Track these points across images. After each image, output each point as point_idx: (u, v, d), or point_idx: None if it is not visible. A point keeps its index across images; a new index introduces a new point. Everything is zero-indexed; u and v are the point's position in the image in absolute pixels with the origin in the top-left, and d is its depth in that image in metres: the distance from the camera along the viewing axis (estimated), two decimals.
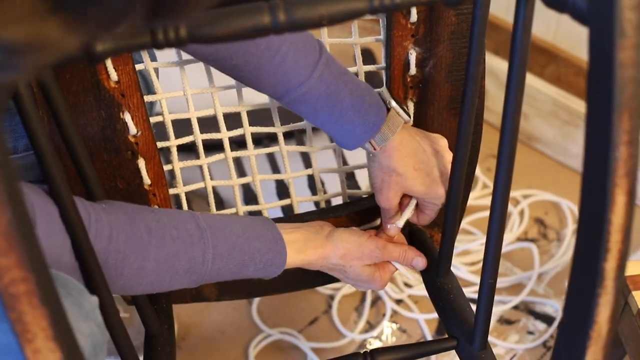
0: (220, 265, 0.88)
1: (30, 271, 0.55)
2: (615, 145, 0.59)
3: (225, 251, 0.88)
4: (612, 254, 0.62)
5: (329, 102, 0.90)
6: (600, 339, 0.66)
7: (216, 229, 0.88)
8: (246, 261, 0.90)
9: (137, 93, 0.88)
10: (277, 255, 0.92)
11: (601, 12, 0.58)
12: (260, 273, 0.92)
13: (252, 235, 0.91)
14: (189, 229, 0.86)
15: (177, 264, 0.85)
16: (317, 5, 0.62)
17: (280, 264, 0.93)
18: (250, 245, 0.90)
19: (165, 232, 0.84)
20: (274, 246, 0.92)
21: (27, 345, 0.58)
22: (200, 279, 0.88)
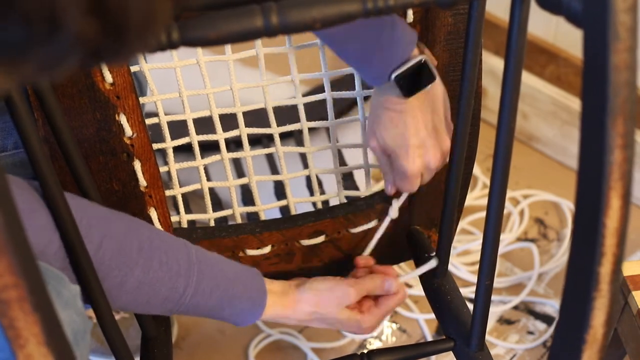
0: (198, 301, 0.87)
1: (22, 277, 0.55)
2: (610, 149, 0.59)
3: (208, 289, 0.87)
4: (607, 258, 0.62)
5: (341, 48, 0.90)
6: (596, 342, 0.65)
7: (205, 265, 0.88)
8: (224, 304, 0.89)
9: (132, 95, 0.88)
10: (255, 305, 0.92)
11: (595, 14, 0.57)
12: (234, 319, 0.92)
13: (238, 280, 0.91)
14: (179, 258, 0.86)
15: (158, 290, 0.84)
16: (309, 8, 0.62)
17: (256, 314, 0.92)
18: (234, 288, 0.90)
19: (154, 255, 0.84)
20: (255, 296, 0.92)
21: (20, 351, 0.58)
22: (175, 309, 0.87)
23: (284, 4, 0.60)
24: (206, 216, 1.04)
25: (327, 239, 1.06)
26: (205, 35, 0.62)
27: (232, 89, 0.97)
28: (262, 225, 1.03)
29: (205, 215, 1.04)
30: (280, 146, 1.02)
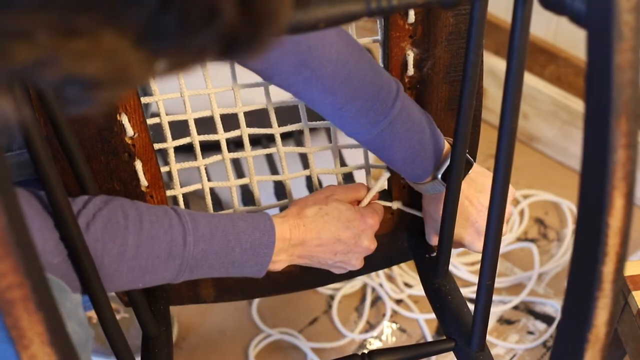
0: (203, 246, 0.84)
1: (26, 277, 0.55)
2: (614, 149, 0.59)
3: (208, 232, 0.85)
4: (610, 257, 0.62)
5: (385, 153, 0.94)
6: (598, 342, 0.66)
7: (196, 214, 0.86)
8: (231, 242, 0.86)
9: (133, 95, 0.88)
10: (264, 234, 0.88)
11: (599, 14, 0.57)
12: (249, 256, 0.87)
13: (237, 216, 0.88)
14: (167, 213, 0.84)
15: (157, 247, 0.82)
16: (313, 9, 0.62)
17: (270, 243, 0.88)
18: (235, 225, 0.87)
19: (143, 217, 0.82)
20: (261, 225, 0.88)
21: (24, 351, 0.58)
22: (184, 264, 0.84)
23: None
24: None
25: None
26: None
27: (233, 89, 0.97)
28: None
29: None
30: (281, 146, 1.02)
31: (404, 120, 0.90)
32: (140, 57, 0.41)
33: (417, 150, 0.93)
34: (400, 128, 0.90)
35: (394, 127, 0.90)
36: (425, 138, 0.93)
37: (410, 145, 0.92)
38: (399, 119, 0.90)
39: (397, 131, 0.90)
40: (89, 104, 0.42)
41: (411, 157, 0.93)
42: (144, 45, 0.41)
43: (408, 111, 0.91)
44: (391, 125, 0.90)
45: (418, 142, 0.92)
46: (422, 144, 0.93)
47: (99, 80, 0.40)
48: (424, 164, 0.94)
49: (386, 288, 1.52)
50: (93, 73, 0.40)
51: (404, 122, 0.90)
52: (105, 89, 0.41)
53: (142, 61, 0.41)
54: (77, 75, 0.40)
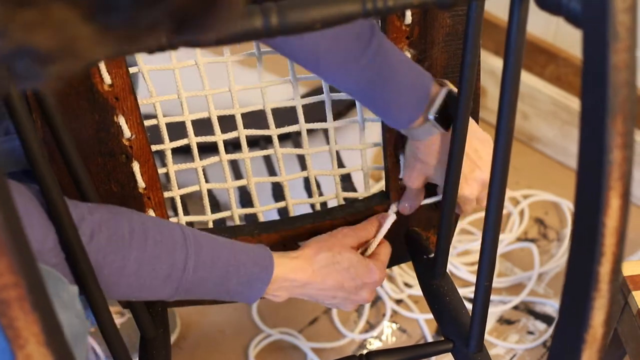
0: (202, 274, 0.85)
1: (22, 276, 0.55)
2: (609, 149, 0.59)
3: (209, 260, 0.86)
4: (606, 258, 0.62)
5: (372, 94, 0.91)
6: (595, 342, 0.65)
7: (201, 238, 0.87)
8: (230, 272, 0.87)
9: (130, 96, 0.88)
10: (263, 270, 0.90)
11: (595, 15, 0.57)
12: (244, 288, 0.89)
13: (239, 248, 0.89)
14: (173, 234, 0.84)
15: (158, 268, 0.83)
16: (310, 9, 0.61)
17: (266, 279, 0.90)
18: (236, 257, 0.88)
19: (148, 234, 0.83)
20: (261, 260, 0.90)
21: (19, 351, 0.57)
22: (180, 287, 0.85)
23: (283, 4, 0.60)
24: (204, 218, 1.04)
25: None
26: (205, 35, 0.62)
27: (231, 91, 0.97)
28: (260, 226, 1.03)
29: (203, 217, 1.04)
30: (279, 148, 1.01)
31: (384, 59, 0.88)
32: (90, 31, 0.41)
33: (402, 90, 0.90)
34: (382, 67, 0.88)
35: (375, 65, 0.87)
36: (410, 76, 0.90)
37: (395, 85, 0.89)
38: (379, 58, 0.87)
39: (378, 70, 0.88)
40: (39, 78, 0.42)
41: (398, 98, 0.90)
42: (95, 18, 0.41)
43: (387, 50, 0.88)
44: (372, 63, 0.87)
45: (402, 82, 0.90)
46: (408, 83, 0.90)
47: (48, 52, 0.40)
48: (412, 105, 0.91)
49: (386, 288, 1.52)
50: (42, 44, 0.40)
51: (385, 61, 0.88)
52: (55, 62, 0.41)
53: (92, 35, 0.41)
54: (26, 47, 0.40)
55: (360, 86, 0.89)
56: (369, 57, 0.87)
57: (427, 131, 0.93)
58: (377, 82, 0.89)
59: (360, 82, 0.89)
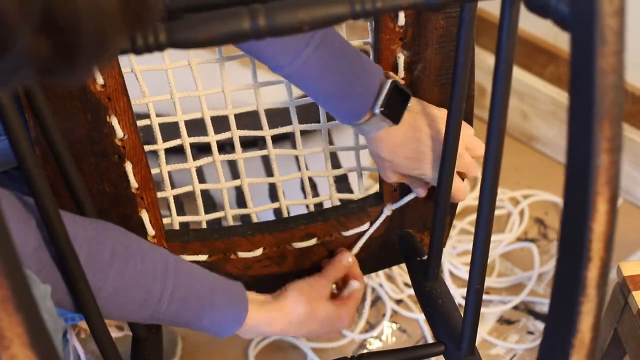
0: (176, 308, 0.86)
1: (5, 277, 0.55)
2: (597, 153, 0.59)
3: (185, 295, 0.86)
4: (594, 263, 0.62)
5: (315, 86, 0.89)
6: (583, 347, 0.65)
7: (183, 273, 0.87)
8: (204, 311, 0.88)
9: (123, 97, 0.88)
10: (237, 311, 0.91)
11: (582, 18, 0.57)
12: (215, 328, 0.91)
13: (217, 287, 0.90)
14: (155, 263, 0.85)
15: (134, 294, 0.83)
16: (297, 11, 0.61)
17: (239, 322, 0.91)
18: (212, 295, 0.89)
19: (129, 259, 0.83)
20: (237, 303, 0.91)
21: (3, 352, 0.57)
22: (154, 316, 0.86)
23: (271, 5, 0.60)
24: (198, 218, 1.04)
25: (319, 241, 1.06)
26: (193, 36, 0.62)
27: (224, 91, 0.96)
28: (254, 227, 1.03)
29: (197, 217, 1.04)
30: (273, 148, 1.01)
31: (329, 50, 0.86)
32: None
33: (348, 84, 0.88)
34: (326, 59, 0.86)
35: (319, 57, 0.85)
36: (355, 70, 0.88)
37: (339, 78, 0.88)
38: (323, 49, 0.86)
39: (322, 62, 0.86)
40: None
41: (343, 91, 0.89)
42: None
43: (333, 41, 0.87)
44: (315, 55, 0.85)
45: (347, 74, 0.88)
46: (353, 76, 0.88)
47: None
48: (358, 99, 0.90)
49: (386, 288, 1.51)
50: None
51: (329, 53, 0.86)
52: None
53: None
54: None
55: (305, 77, 0.88)
56: (314, 46, 0.85)
57: (377, 126, 0.92)
58: (322, 73, 0.87)
59: (306, 72, 0.87)
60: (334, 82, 0.88)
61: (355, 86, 0.89)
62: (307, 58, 0.85)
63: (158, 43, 0.61)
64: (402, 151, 0.94)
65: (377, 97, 0.90)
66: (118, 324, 1.32)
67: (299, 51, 0.85)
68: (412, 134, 0.93)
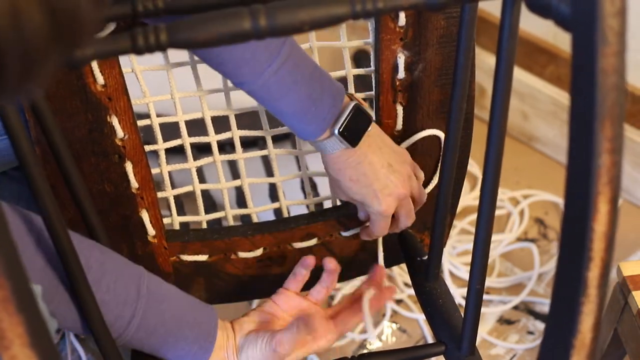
0: (142, 335, 0.86)
1: (6, 278, 0.55)
2: (598, 153, 0.59)
3: (152, 326, 0.86)
4: (595, 263, 0.62)
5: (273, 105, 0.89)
6: (584, 348, 0.65)
7: (154, 301, 0.86)
8: (169, 343, 0.88)
9: (123, 96, 0.88)
10: (201, 349, 0.90)
11: (584, 18, 0.57)
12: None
13: (187, 321, 0.89)
14: (127, 287, 0.85)
15: (105, 313, 0.83)
16: (298, 11, 0.61)
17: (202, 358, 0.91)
18: (180, 330, 0.88)
19: (102, 278, 0.83)
20: (203, 341, 0.90)
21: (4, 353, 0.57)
22: (120, 338, 0.86)
23: (272, 6, 0.60)
24: (199, 218, 1.04)
25: (319, 242, 1.06)
26: (193, 37, 0.62)
27: (224, 91, 0.96)
28: (254, 227, 1.03)
29: (197, 217, 1.04)
30: (273, 148, 1.01)
31: (291, 71, 0.86)
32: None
33: (308, 104, 0.88)
34: (288, 78, 0.86)
35: (280, 76, 0.85)
36: (316, 91, 0.88)
37: (299, 97, 0.87)
38: (286, 68, 0.85)
39: (283, 81, 0.86)
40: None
41: (302, 111, 0.88)
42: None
43: (296, 61, 0.86)
44: (277, 74, 0.85)
45: (308, 94, 0.87)
46: (313, 97, 0.88)
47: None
48: (317, 119, 0.89)
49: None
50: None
51: (292, 73, 0.86)
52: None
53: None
54: None
55: (266, 95, 0.88)
56: (276, 66, 0.85)
57: (333, 145, 0.91)
58: (282, 92, 0.87)
59: (266, 90, 0.87)
60: (293, 101, 0.88)
61: (314, 107, 0.89)
62: (269, 77, 0.85)
63: (159, 43, 0.61)
64: (347, 173, 0.93)
65: (338, 119, 0.90)
66: None
67: (262, 70, 0.85)
68: (362, 159, 0.93)
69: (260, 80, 0.86)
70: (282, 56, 0.85)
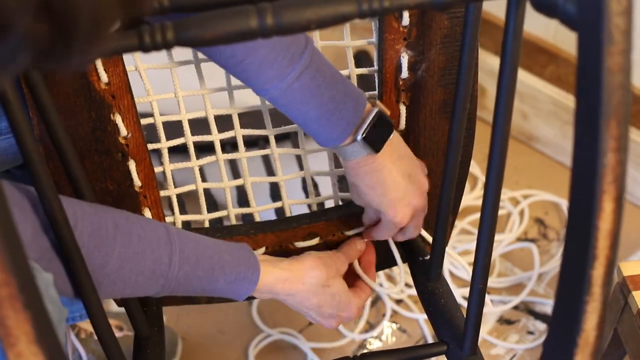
0: (187, 269, 0.85)
1: (13, 275, 0.55)
2: (603, 152, 0.59)
3: (193, 257, 0.85)
4: (599, 261, 0.62)
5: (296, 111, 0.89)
6: (588, 346, 0.65)
7: (185, 236, 0.86)
8: (216, 270, 0.87)
9: (127, 95, 0.88)
10: (249, 268, 0.89)
11: (590, 17, 0.57)
12: (232, 288, 0.89)
13: (223, 248, 0.89)
14: (157, 230, 0.84)
15: (142, 264, 0.82)
16: (305, 9, 0.61)
17: (253, 280, 0.90)
18: (221, 256, 0.88)
19: (132, 229, 0.82)
20: (246, 260, 0.89)
21: (10, 349, 0.57)
22: (167, 284, 0.84)
23: (278, 4, 0.60)
24: (201, 217, 1.04)
25: (322, 241, 1.06)
26: (200, 35, 0.62)
27: (228, 90, 0.96)
28: (256, 226, 1.03)
29: (199, 216, 1.04)
30: (276, 148, 1.01)
31: (313, 75, 0.86)
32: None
33: (332, 108, 0.88)
34: (311, 83, 0.86)
35: (303, 81, 0.85)
36: (339, 95, 0.88)
37: (323, 102, 0.87)
38: (308, 73, 0.85)
39: (306, 86, 0.86)
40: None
41: (326, 115, 0.88)
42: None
43: (318, 65, 0.86)
44: (300, 79, 0.85)
45: (331, 99, 0.87)
46: (336, 101, 0.88)
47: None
48: (341, 124, 0.89)
49: (386, 288, 1.52)
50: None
51: (314, 77, 0.86)
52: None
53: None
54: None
55: (289, 100, 0.88)
56: (299, 71, 0.85)
57: (355, 151, 0.92)
58: (306, 97, 0.87)
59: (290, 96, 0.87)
60: (317, 106, 0.88)
61: (338, 111, 0.89)
62: (292, 82, 0.86)
63: (166, 41, 0.62)
64: (366, 179, 0.94)
65: (361, 125, 0.90)
66: (118, 324, 1.32)
67: (285, 75, 0.85)
68: (382, 167, 0.93)
69: (283, 85, 0.86)
70: (304, 61, 0.85)
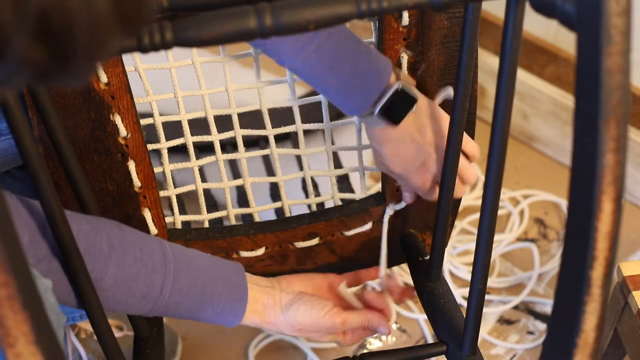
0: (177, 299, 0.86)
1: (12, 275, 0.55)
2: (602, 153, 0.59)
3: (185, 287, 0.86)
4: (598, 262, 0.62)
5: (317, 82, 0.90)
6: (587, 346, 0.65)
7: (182, 263, 0.86)
8: (205, 302, 0.88)
9: (127, 95, 0.88)
10: (237, 302, 0.90)
11: (589, 17, 0.57)
12: (218, 319, 0.90)
13: (218, 278, 0.89)
14: (153, 254, 0.84)
15: (135, 287, 0.83)
16: (303, 10, 0.61)
17: (239, 314, 0.91)
18: (213, 287, 0.88)
19: (127, 251, 0.82)
20: (236, 293, 0.90)
21: (9, 350, 0.58)
22: (155, 308, 0.86)
23: (277, 5, 0.60)
24: (200, 217, 1.04)
25: (321, 241, 1.06)
26: (199, 35, 0.62)
27: (227, 90, 0.96)
28: (256, 226, 1.03)
29: (199, 216, 1.04)
30: (275, 148, 1.01)
31: (332, 49, 0.86)
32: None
33: (353, 80, 0.88)
34: (329, 55, 0.86)
35: (321, 55, 0.85)
36: (360, 67, 0.88)
37: (344, 74, 0.87)
38: (326, 47, 0.85)
39: (325, 59, 0.86)
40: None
41: (347, 86, 0.89)
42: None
43: (338, 38, 0.86)
44: (317, 52, 0.85)
45: (351, 71, 0.88)
46: (358, 73, 0.88)
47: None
48: (362, 94, 0.90)
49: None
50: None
51: (333, 50, 0.86)
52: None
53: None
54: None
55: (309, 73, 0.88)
56: (315, 45, 0.85)
57: (376, 121, 0.92)
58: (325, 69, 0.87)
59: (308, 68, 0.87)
60: (336, 77, 0.88)
61: (359, 82, 0.89)
62: (309, 55, 0.86)
63: (164, 41, 0.62)
64: (389, 146, 0.94)
65: (380, 99, 0.90)
66: (118, 323, 1.32)
67: (301, 47, 0.85)
68: (404, 135, 0.93)
69: (300, 59, 0.86)
70: (322, 36, 0.85)
